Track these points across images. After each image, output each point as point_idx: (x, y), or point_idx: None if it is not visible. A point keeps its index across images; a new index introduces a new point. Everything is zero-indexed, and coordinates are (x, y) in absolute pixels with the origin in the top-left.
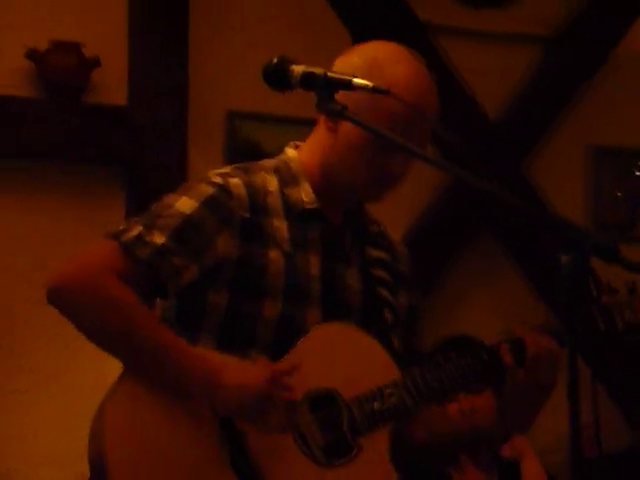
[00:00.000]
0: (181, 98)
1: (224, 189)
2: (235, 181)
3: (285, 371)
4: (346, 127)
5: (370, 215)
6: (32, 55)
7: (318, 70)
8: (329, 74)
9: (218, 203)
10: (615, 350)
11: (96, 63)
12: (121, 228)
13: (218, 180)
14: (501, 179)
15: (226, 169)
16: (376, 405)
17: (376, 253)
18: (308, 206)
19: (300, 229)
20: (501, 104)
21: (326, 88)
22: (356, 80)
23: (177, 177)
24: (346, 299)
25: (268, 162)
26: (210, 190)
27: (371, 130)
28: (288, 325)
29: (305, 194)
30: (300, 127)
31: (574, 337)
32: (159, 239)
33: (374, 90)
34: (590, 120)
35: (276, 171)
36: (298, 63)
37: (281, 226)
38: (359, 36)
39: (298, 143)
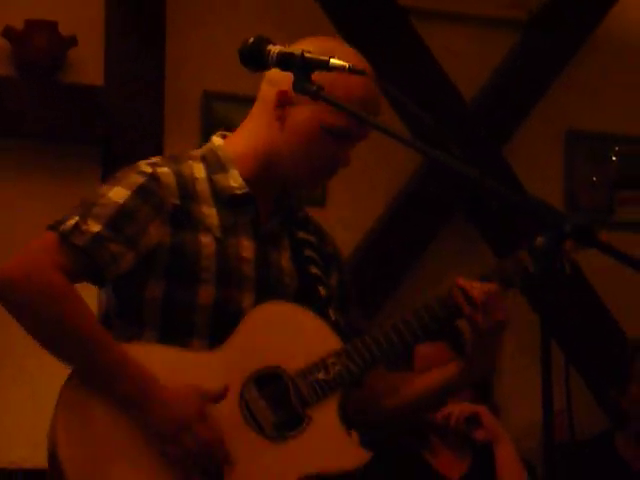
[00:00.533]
0: (157, 78)
1: (154, 178)
2: (164, 170)
3: (215, 398)
4: (297, 116)
5: (296, 200)
6: (8, 34)
7: (295, 50)
8: (306, 54)
9: (149, 191)
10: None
11: (72, 42)
12: (59, 219)
13: (148, 169)
14: (480, 162)
15: (155, 159)
16: (320, 375)
17: (304, 235)
18: (237, 191)
19: (230, 215)
20: (479, 88)
21: (303, 68)
22: (333, 60)
23: (153, 157)
24: (281, 281)
25: (195, 151)
26: (141, 179)
27: (347, 111)
28: (224, 310)
29: (233, 180)
30: None
31: (548, 323)
32: (95, 227)
33: (350, 70)
34: (568, 104)
35: (203, 159)
36: (274, 43)
37: (211, 212)
38: (336, 17)
39: (225, 133)
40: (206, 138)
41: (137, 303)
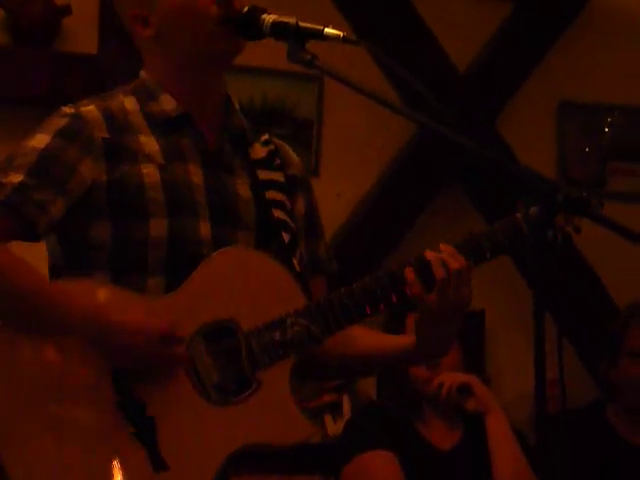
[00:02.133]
0: None
1: (77, 116)
2: (88, 108)
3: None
4: (159, 15)
5: (242, 120)
6: (3, 2)
7: (290, 19)
8: (300, 24)
9: (73, 131)
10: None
11: (67, 11)
12: None
13: (70, 110)
14: (473, 132)
15: (80, 102)
16: (277, 335)
17: (259, 153)
18: (173, 113)
19: (171, 140)
20: (472, 58)
21: (297, 38)
22: (328, 30)
23: None
24: (237, 208)
25: (125, 87)
26: (63, 121)
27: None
28: (179, 241)
29: (167, 104)
30: (269, 77)
31: (541, 295)
32: (16, 178)
33: (345, 40)
34: (561, 75)
35: (133, 92)
36: (269, 13)
37: (149, 141)
38: None
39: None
40: None
41: (83, 248)
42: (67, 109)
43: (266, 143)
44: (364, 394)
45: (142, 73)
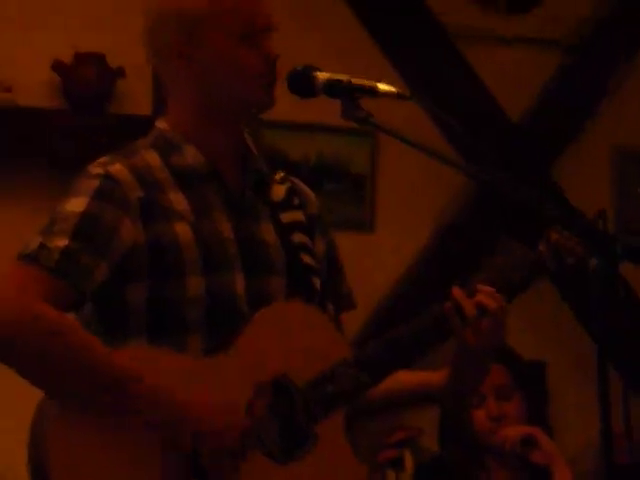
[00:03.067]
0: None
1: (108, 177)
2: (116, 167)
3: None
4: (204, 55)
5: (265, 161)
6: (57, 67)
7: (343, 77)
8: (353, 81)
9: (108, 192)
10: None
11: (120, 73)
12: (23, 246)
13: (99, 171)
14: (529, 183)
15: (103, 159)
16: (329, 388)
17: (278, 193)
18: (199, 168)
19: (198, 195)
20: (526, 109)
21: (351, 95)
22: (381, 86)
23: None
24: (266, 255)
25: (142, 141)
26: (95, 183)
27: (405, 141)
28: (217, 298)
29: (191, 157)
30: (323, 134)
31: (605, 344)
32: (61, 242)
33: (399, 96)
34: (616, 122)
35: (153, 146)
36: (321, 70)
37: (178, 198)
38: (382, 41)
39: (160, 120)
40: None
41: (119, 311)
42: (96, 170)
43: (283, 181)
44: (426, 448)
45: (160, 124)
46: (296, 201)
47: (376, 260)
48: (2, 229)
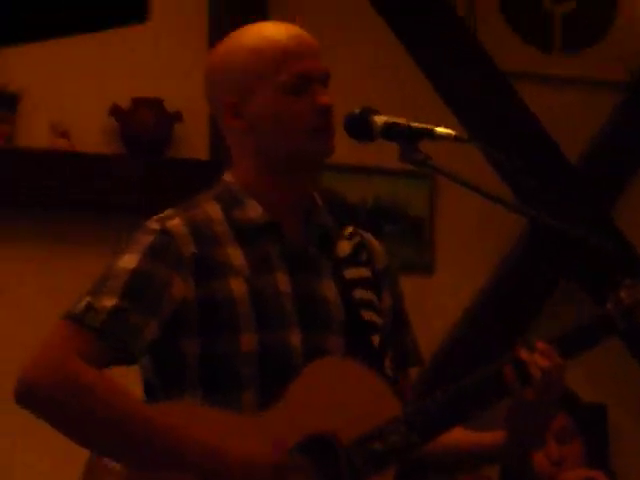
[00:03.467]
0: None
1: (164, 232)
2: (174, 222)
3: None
4: (253, 109)
5: (329, 216)
6: (115, 112)
7: (401, 120)
8: (412, 124)
9: (161, 249)
10: None
11: (178, 117)
12: (72, 304)
13: (156, 226)
14: (589, 225)
15: (164, 213)
16: (377, 446)
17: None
18: (260, 221)
19: (257, 250)
20: (584, 150)
21: (409, 138)
22: (439, 129)
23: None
24: (326, 312)
25: (208, 193)
26: (150, 239)
27: (468, 186)
28: (271, 355)
29: (253, 211)
30: (381, 176)
31: None
32: (109, 302)
33: (456, 139)
34: None
35: (217, 198)
36: (380, 113)
37: (235, 252)
38: (440, 85)
39: (227, 173)
40: None
41: (174, 365)
42: (153, 225)
43: (351, 237)
44: None
45: (226, 176)
46: (363, 257)
47: (435, 303)
48: (60, 277)
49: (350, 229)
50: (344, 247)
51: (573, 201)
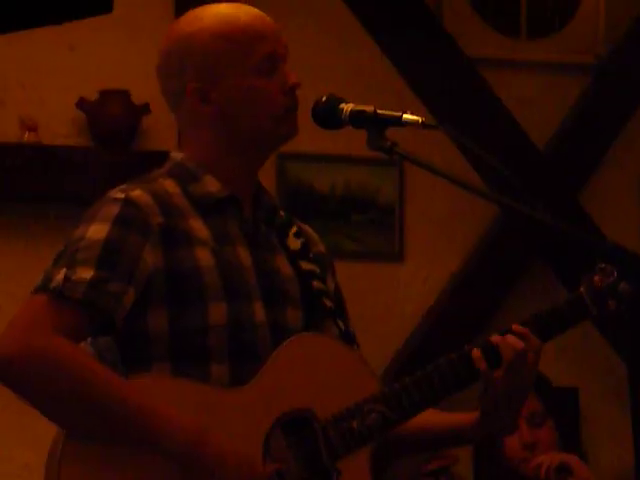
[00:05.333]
0: None
1: (129, 202)
2: (137, 192)
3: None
4: (222, 93)
5: (274, 199)
6: (82, 105)
7: (368, 108)
8: (379, 111)
9: (129, 217)
10: None
11: (145, 109)
12: (43, 278)
13: (120, 195)
14: (557, 210)
15: (122, 186)
16: (355, 424)
17: (294, 244)
18: (219, 195)
19: (217, 223)
20: (551, 135)
21: (376, 125)
22: (406, 116)
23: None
24: (284, 287)
25: (159, 170)
26: (116, 208)
27: (430, 169)
28: (238, 326)
29: (211, 185)
30: (350, 165)
31: (637, 368)
32: (86, 273)
33: (424, 126)
34: None
35: (171, 175)
36: (347, 101)
37: (197, 224)
38: (405, 71)
39: (175, 152)
40: (282, 199)
41: (140, 339)
42: (117, 194)
43: (297, 235)
44: (460, 478)
45: (176, 155)
46: (310, 254)
47: (406, 290)
48: (28, 268)
49: (295, 228)
50: (294, 243)
51: (541, 186)
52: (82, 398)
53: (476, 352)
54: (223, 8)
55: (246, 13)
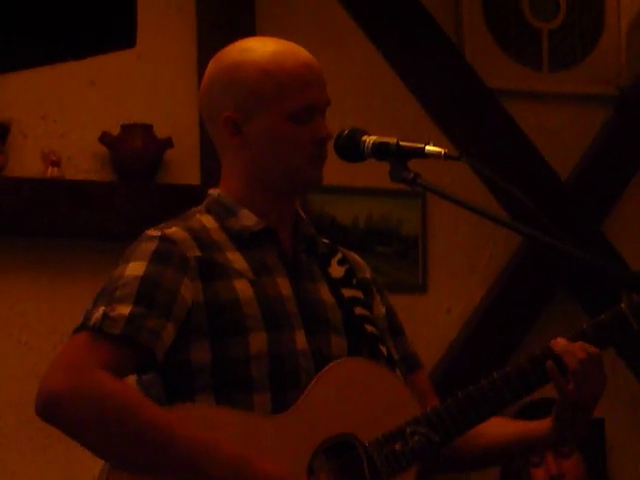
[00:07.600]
0: None
1: (165, 239)
2: (173, 229)
3: None
4: (253, 129)
5: (311, 229)
6: (104, 139)
7: (390, 140)
8: (401, 143)
9: (166, 253)
10: None
11: (168, 144)
12: (83, 318)
13: (156, 233)
14: (580, 240)
15: (160, 225)
16: (397, 446)
17: (337, 272)
18: (256, 228)
19: (255, 255)
20: (574, 165)
21: (399, 157)
22: (429, 147)
23: None
24: (325, 315)
25: (197, 208)
26: (152, 245)
27: (453, 200)
28: (280, 355)
29: (247, 219)
30: (372, 197)
31: None
32: (124, 310)
33: (446, 157)
34: None
35: (208, 211)
36: (369, 133)
37: (235, 257)
38: (424, 100)
39: (213, 189)
40: None
41: (184, 372)
42: (153, 233)
43: (341, 263)
44: None
45: (214, 191)
46: (354, 281)
47: (429, 322)
48: (53, 303)
49: (339, 255)
50: (337, 271)
51: (564, 217)
52: (131, 432)
53: (550, 362)
54: (276, 45)
55: (296, 57)
